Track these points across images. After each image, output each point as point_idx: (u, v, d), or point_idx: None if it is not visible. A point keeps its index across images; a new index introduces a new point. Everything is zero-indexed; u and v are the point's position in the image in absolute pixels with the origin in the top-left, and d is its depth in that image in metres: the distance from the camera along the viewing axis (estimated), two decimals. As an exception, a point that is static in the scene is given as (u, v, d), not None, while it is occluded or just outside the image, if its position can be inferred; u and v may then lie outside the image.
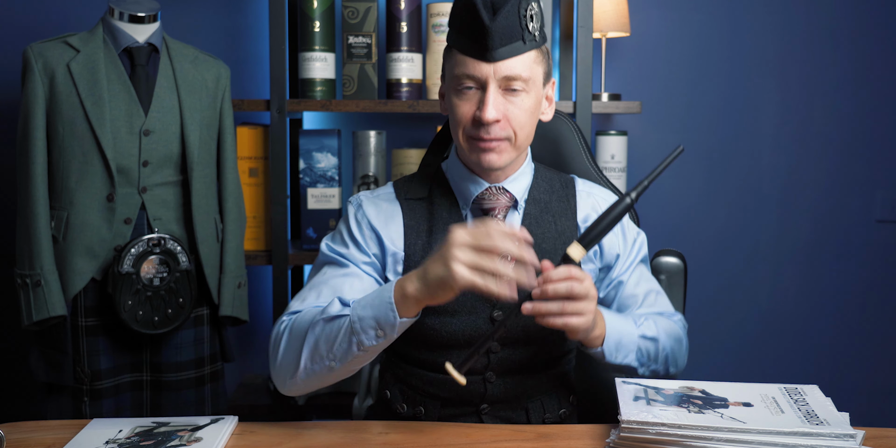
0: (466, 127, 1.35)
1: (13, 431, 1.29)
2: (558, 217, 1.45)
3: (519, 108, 1.34)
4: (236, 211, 2.06)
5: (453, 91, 1.36)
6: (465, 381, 1.19)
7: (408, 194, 1.45)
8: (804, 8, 2.60)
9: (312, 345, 1.24)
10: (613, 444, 1.17)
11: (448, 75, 1.38)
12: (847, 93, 2.63)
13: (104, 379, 1.90)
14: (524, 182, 1.45)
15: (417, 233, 1.41)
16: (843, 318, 2.69)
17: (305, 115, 2.56)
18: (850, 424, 1.14)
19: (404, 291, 1.17)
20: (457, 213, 1.43)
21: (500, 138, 1.34)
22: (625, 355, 1.36)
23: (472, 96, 1.34)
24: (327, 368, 1.24)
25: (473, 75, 1.32)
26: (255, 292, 2.55)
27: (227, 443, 1.25)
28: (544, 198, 1.46)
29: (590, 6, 2.22)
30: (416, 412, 1.43)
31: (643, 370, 1.40)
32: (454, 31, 1.36)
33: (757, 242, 2.67)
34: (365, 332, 1.20)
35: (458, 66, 1.34)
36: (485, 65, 1.31)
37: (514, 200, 1.43)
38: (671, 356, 1.43)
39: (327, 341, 1.23)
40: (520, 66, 1.32)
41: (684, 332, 1.49)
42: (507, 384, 1.41)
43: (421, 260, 1.38)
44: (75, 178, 1.87)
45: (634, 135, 2.59)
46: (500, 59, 1.31)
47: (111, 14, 1.92)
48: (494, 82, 1.32)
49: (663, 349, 1.41)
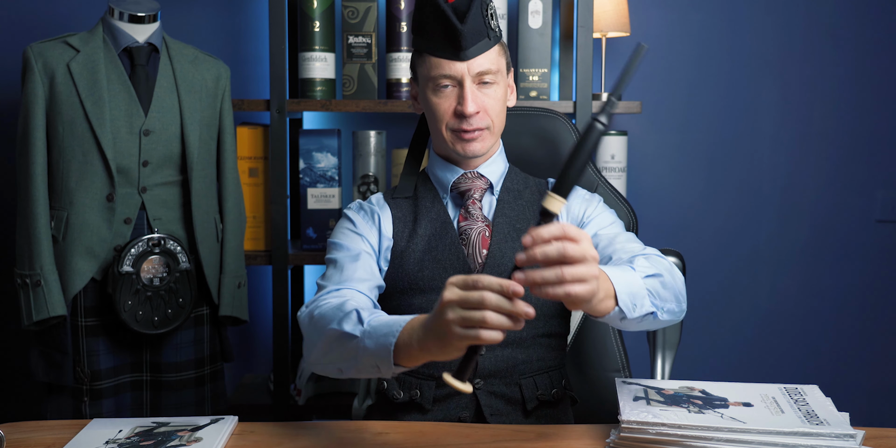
0: (449, 122, 1.48)
1: (13, 431, 1.29)
2: (530, 204, 1.56)
3: (492, 98, 1.48)
4: (236, 211, 2.06)
5: (430, 91, 1.48)
6: (470, 389, 1.07)
7: (395, 195, 1.58)
8: (804, 8, 2.60)
9: (323, 350, 1.29)
10: (613, 444, 1.17)
11: (422, 77, 1.50)
12: (847, 93, 2.63)
13: (104, 379, 1.90)
14: (498, 169, 1.57)
15: (404, 223, 1.54)
16: (843, 318, 2.69)
17: (305, 115, 2.56)
18: (850, 424, 1.14)
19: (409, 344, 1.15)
20: (439, 202, 1.54)
21: (480, 128, 1.47)
22: (642, 305, 1.23)
23: (451, 93, 1.47)
24: (337, 370, 1.29)
25: (450, 75, 1.45)
26: (255, 292, 2.55)
27: (227, 443, 1.25)
28: (517, 188, 1.57)
29: (590, 6, 2.22)
30: (411, 395, 1.47)
31: (660, 313, 1.28)
32: (422, 37, 1.47)
33: (757, 242, 2.67)
34: (365, 364, 1.22)
35: (433, 68, 1.46)
36: (459, 64, 1.44)
37: (489, 184, 1.55)
38: (676, 288, 1.33)
39: (337, 354, 1.27)
40: (488, 61, 1.46)
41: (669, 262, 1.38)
42: (498, 357, 1.46)
43: (406, 246, 1.50)
44: (75, 178, 1.87)
45: (634, 135, 2.59)
46: (472, 57, 1.44)
47: (111, 14, 1.92)
48: (469, 78, 1.45)
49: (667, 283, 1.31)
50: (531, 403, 1.47)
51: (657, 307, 1.26)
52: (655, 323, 1.31)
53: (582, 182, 1.72)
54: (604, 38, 2.43)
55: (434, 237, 1.50)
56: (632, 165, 2.57)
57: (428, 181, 1.58)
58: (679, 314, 1.34)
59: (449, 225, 1.51)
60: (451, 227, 1.50)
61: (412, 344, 1.14)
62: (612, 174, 2.37)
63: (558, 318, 1.53)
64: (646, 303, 1.24)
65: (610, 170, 2.37)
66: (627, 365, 1.73)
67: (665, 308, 1.29)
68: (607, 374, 1.71)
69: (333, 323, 1.27)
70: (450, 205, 1.55)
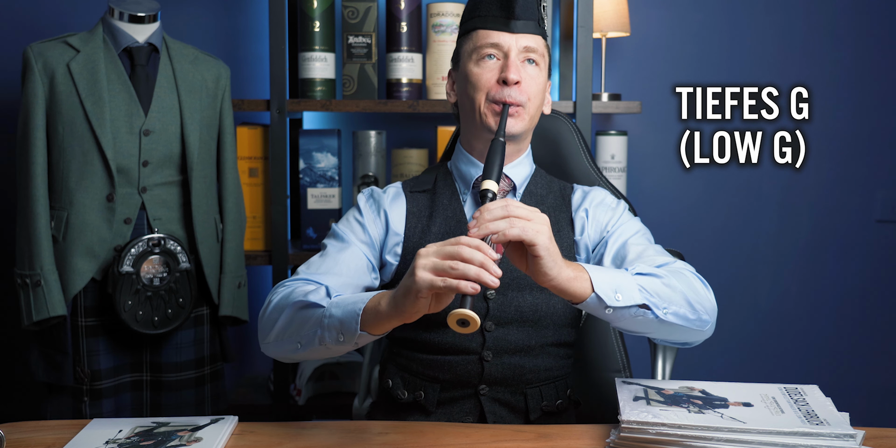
0: (490, 91, 1.44)
1: (13, 431, 1.29)
2: (553, 210, 1.52)
3: (533, 78, 1.46)
4: (236, 211, 2.06)
5: (474, 63, 1.46)
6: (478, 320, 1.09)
7: (414, 187, 1.55)
8: (804, 8, 2.60)
9: (286, 321, 1.31)
10: (613, 444, 1.17)
11: (466, 53, 1.49)
12: (847, 93, 2.63)
13: (104, 379, 1.90)
14: (523, 171, 1.54)
15: (418, 218, 1.51)
16: (843, 318, 2.69)
17: (305, 115, 2.56)
18: (850, 424, 1.15)
19: (377, 305, 1.20)
20: (457, 201, 1.51)
21: (519, 103, 1.44)
22: (629, 296, 1.23)
23: (494, 65, 1.45)
24: (293, 347, 1.31)
25: (498, 43, 1.45)
26: (255, 292, 2.55)
27: (227, 443, 1.25)
28: (541, 192, 1.54)
29: (590, 6, 2.22)
30: (416, 396, 1.46)
31: (664, 312, 1.26)
32: (474, 16, 1.48)
33: (757, 242, 2.67)
34: (329, 331, 1.25)
35: (481, 39, 1.46)
36: (508, 35, 1.44)
37: (513, 186, 1.52)
38: (689, 296, 1.29)
39: (299, 323, 1.29)
40: (535, 42, 1.46)
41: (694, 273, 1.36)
42: (504, 364, 1.44)
43: (419, 242, 1.47)
44: (75, 178, 1.87)
45: (634, 135, 2.59)
46: (520, 30, 1.45)
47: (111, 14, 1.92)
48: (516, 50, 1.44)
49: (672, 286, 1.28)
50: (535, 414, 1.46)
51: (653, 304, 1.25)
52: (663, 326, 1.28)
53: (583, 181, 1.72)
54: (604, 38, 2.43)
55: (447, 236, 1.46)
56: (632, 165, 2.57)
57: (449, 176, 1.55)
58: (698, 324, 1.31)
59: (463, 224, 1.48)
60: (465, 228, 1.47)
61: (380, 306, 1.19)
62: (612, 174, 2.37)
63: (568, 328, 1.51)
64: (634, 295, 1.23)
65: (610, 170, 2.37)
66: (628, 365, 1.73)
67: (670, 310, 1.26)
68: (608, 374, 1.71)
69: (299, 296, 1.31)
70: (468, 203, 1.52)
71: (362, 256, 1.47)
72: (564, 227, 1.51)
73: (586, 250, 1.50)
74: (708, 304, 1.32)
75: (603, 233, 1.49)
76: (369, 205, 1.53)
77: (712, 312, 1.33)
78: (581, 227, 1.51)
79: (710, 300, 1.33)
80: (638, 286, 1.25)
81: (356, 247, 1.47)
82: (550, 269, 1.18)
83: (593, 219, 1.51)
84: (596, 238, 1.50)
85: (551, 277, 1.19)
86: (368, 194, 1.55)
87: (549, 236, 1.18)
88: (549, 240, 1.18)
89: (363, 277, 1.46)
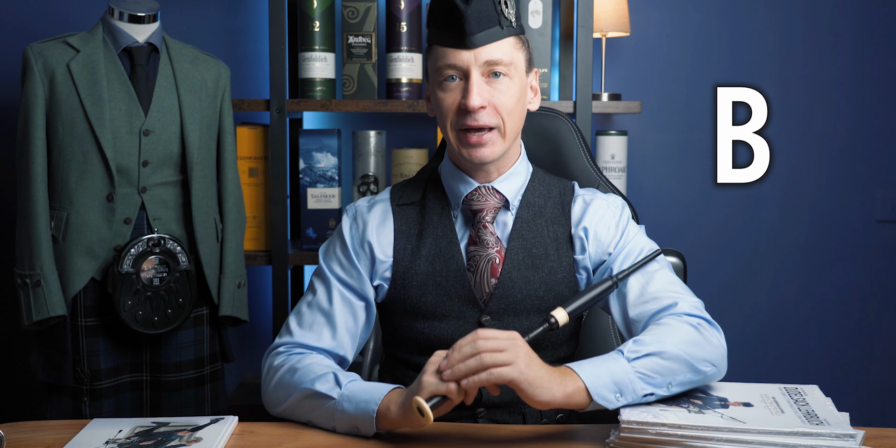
0: (453, 118, 1.34)
1: (13, 431, 1.29)
2: (552, 223, 1.43)
3: (504, 94, 1.33)
4: (236, 211, 2.06)
5: (437, 86, 1.36)
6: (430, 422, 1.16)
7: (401, 200, 1.45)
8: (804, 8, 2.60)
9: (294, 405, 1.32)
10: (613, 444, 1.17)
11: (430, 73, 1.38)
12: (847, 93, 2.63)
13: (104, 379, 1.90)
14: (517, 182, 1.43)
15: (407, 237, 1.42)
16: (843, 318, 2.69)
17: (305, 115, 2.55)
18: (850, 424, 1.14)
19: (387, 411, 1.22)
20: (447, 216, 1.42)
21: (489, 126, 1.33)
22: (630, 391, 1.18)
23: (456, 87, 1.33)
24: (306, 421, 1.32)
25: (454, 64, 1.32)
26: (255, 292, 2.55)
27: (227, 443, 1.25)
28: (539, 202, 1.44)
29: (590, 6, 2.22)
30: None
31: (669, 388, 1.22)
32: (433, 28, 1.37)
33: (757, 242, 2.67)
34: (340, 423, 1.27)
35: (439, 59, 1.34)
36: (465, 52, 1.31)
37: (505, 201, 1.42)
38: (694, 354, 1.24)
39: (308, 409, 1.31)
40: (499, 51, 1.32)
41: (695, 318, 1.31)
42: (504, 388, 1.36)
43: (409, 266, 1.41)
44: (75, 178, 1.87)
45: (634, 135, 2.59)
46: (479, 44, 1.31)
47: (111, 14, 1.92)
48: (476, 69, 1.32)
49: (671, 355, 1.22)
50: None
51: (657, 385, 1.20)
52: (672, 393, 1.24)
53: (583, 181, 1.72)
54: (604, 38, 2.43)
55: (438, 259, 1.39)
56: (632, 165, 2.57)
57: (438, 186, 1.45)
58: (706, 379, 1.27)
59: (455, 246, 1.39)
60: (456, 250, 1.39)
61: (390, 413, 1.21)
62: (612, 174, 2.37)
63: (567, 343, 1.46)
64: (637, 387, 1.19)
65: (610, 170, 2.37)
66: (627, 365, 1.72)
67: (674, 382, 1.22)
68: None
69: (306, 382, 1.30)
70: (459, 220, 1.42)
71: (351, 299, 1.41)
72: (563, 243, 1.42)
73: (587, 271, 1.43)
74: (712, 354, 1.27)
75: (604, 255, 1.41)
76: (352, 234, 1.43)
77: (720, 360, 1.29)
78: (581, 247, 1.42)
79: (715, 348, 1.28)
80: (637, 375, 1.19)
81: (343, 291, 1.41)
82: (539, 396, 1.15)
83: (594, 239, 1.42)
84: (597, 259, 1.42)
85: (546, 401, 1.16)
86: (352, 218, 1.45)
87: (525, 364, 1.14)
88: (527, 367, 1.14)
89: (357, 320, 1.42)
